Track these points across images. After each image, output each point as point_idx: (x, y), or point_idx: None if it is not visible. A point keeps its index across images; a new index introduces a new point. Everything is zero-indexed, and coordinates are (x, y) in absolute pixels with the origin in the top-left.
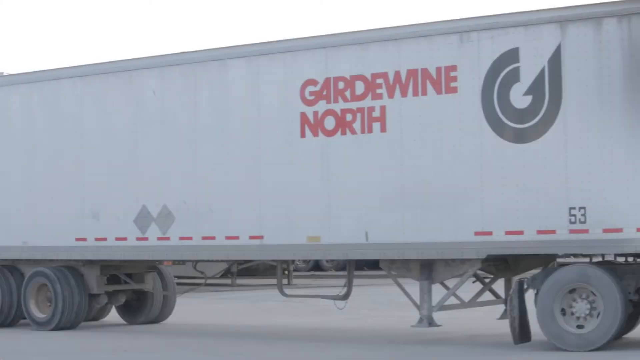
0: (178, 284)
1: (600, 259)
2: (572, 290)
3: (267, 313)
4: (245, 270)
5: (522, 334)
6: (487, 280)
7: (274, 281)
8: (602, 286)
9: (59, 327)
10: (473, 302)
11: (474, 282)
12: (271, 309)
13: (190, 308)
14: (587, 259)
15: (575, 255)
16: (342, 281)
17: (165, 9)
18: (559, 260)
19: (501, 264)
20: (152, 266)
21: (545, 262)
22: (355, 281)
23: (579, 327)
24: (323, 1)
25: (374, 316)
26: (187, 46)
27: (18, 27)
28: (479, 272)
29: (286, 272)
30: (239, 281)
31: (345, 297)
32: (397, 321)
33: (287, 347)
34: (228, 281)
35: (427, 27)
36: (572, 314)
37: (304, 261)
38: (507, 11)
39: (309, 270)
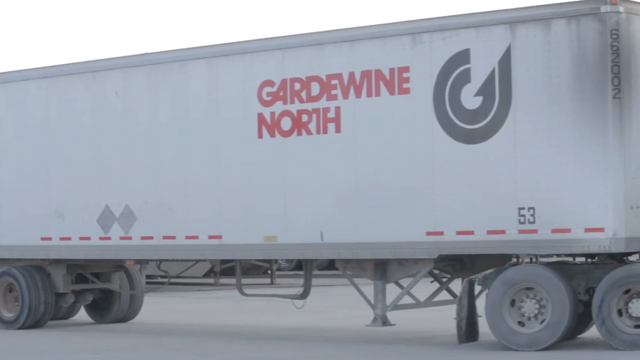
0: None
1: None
2: (521, 290)
3: (250, 312)
4: (229, 270)
5: (468, 333)
6: (444, 280)
7: (258, 280)
8: (550, 286)
9: (25, 326)
10: (429, 302)
11: (431, 282)
12: (254, 309)
13: (172, 307)
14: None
15: (558, 255)
16: (325, 280)
17: (165, 7)
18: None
19: (458, 264)
20: (119, 265)
21: (502, 261)
22: (338, 280)
23: (528, 326)
24: (323, 1)
25: (358, 316)
26: (183, 44)
27: (16, 26)
28: (437, 271)
29: (269, 272)
30: (223, 280)
31: (304, 296)
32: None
33: (272, 346)
34: (211, 280)
35: (381, 29)
36: (521, 313)
37: (287, 261)
38: (459, 12)
39: (291, 270)
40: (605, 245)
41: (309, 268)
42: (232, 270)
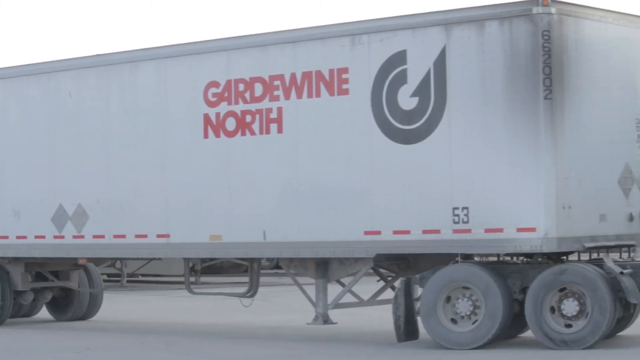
0: (146, 281)
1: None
2: (456, 289)
3: (230, 311)
4: (209, 268)
5: (407, 332)
6: (389, 279)
7: (238, 279)
8: (483, 285)
9: None
10: (372, 301)
11: (378, 280)
12: (234, 307)
13: (153, 306)
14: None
15: (547, 255)
16: (305, 280)
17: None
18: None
19: (403, 263)
20: (78, 263)
21: (446, 260)
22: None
23: (462, 325)
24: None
25: (334, 314)
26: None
27: (17, 22)
28: (383, 270)
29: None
30: (203, 279)
31: (252, 295)
32: (357, 319)
33: (252, 345)
34: (192, 279)
35: (321, 30)
36: (456, 312)
37: (268, 259)
38: (396, 14)
39: (272, 269)
40: (536, 245)
41: (255, 267)
42: (214, 268)
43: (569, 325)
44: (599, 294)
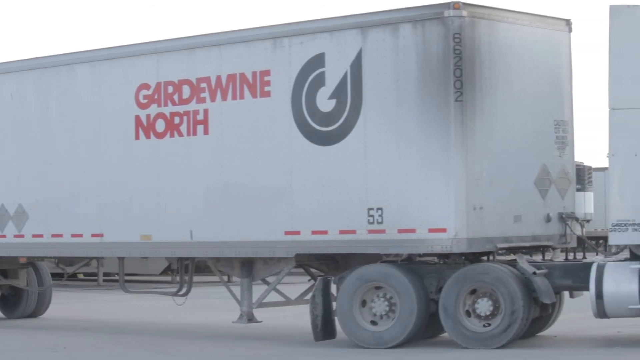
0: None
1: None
2: (373, 289)
3: (207, 310)
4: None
5: (325, 331)
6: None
7: (217, 278)
8: (398, 285)
9: None
10: (299, 300)
11: (309, 280)
12: (211, 306)
13: (129, 305)
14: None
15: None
16: (298, 278)
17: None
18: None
19: (332, 263)
20: (28, 262)
21: (374, 260)
22: (295, 278)
23: (379, 324)
24: None
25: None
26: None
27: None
28: (313, 270)
29: None
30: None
31: (185, 294)
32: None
33: (228, 344)
34: (168, 278)
35: (245, 33)
36: (372, 312)
37: None
38: (315, 17)
39: None
40: (447, 246)
41: (189, 267)
42: (198, 268)
43: (484, 325)
44: (512, 293)
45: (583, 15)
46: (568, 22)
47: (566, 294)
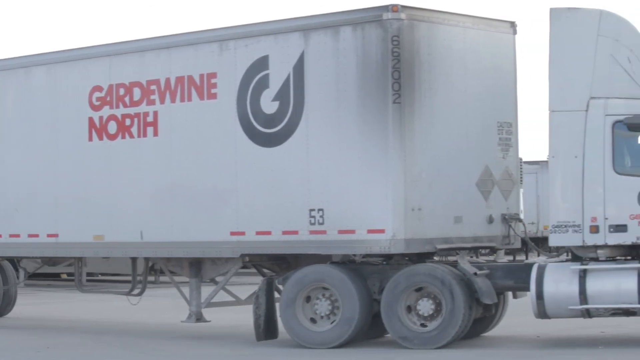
0: (105, 281)
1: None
2: (316, 289)
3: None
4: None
5: (267, 331)
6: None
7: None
8: (340, 286)
9: None
10: (250, 300)
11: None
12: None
13: (112, 305)
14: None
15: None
16: (253, 278)
17: None
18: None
19: (284, 263)
20: None
21: (324, 260)
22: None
23: (321, 325)
24: None
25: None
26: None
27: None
28: (265, 270)
29: None
30: (163, 278)
31: (140, 293)
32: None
33: (210, 343)
34: (152, 278)
35: (193, 36)
36: (315, 312)
37: None
38: (259, 20)
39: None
40: (385, 246)
41: (135, 266)
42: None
43: (421, 324)
44: (452, 294)
45: (533, 17)
46: (513, 25)
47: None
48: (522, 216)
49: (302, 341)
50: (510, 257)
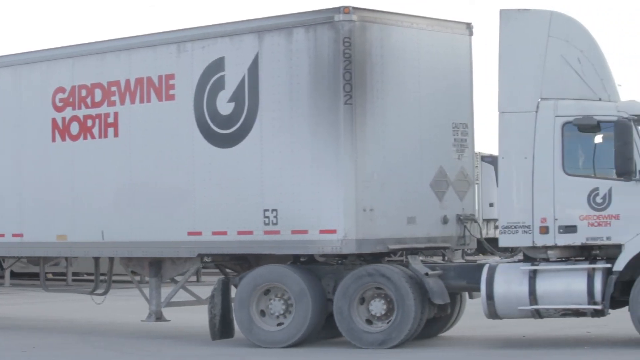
0: (92, 280)
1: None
2: (269, 289)
3: (171, 311)
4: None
5: (223, 330)
6: None
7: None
8: (294, 286)
9: None
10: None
11: None
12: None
13: (95, 304)
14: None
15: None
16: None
17: None
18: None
19: (246, 263)
20: None
21: (284, 260)
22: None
23: (279, 324)
24: None
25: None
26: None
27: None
28: (228, 270)
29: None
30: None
31: (104, 293)
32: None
33: (191, 343)
34: (137, 277)
35: (152, 37)
36: (269, 311)
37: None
38: (216, 22)
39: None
40: (336, 247)
41: (98, 266)
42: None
43: (377, 325)
44: (403, 294)
45: (491, 18)
46: (469, 26)
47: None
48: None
49: (255, 340)
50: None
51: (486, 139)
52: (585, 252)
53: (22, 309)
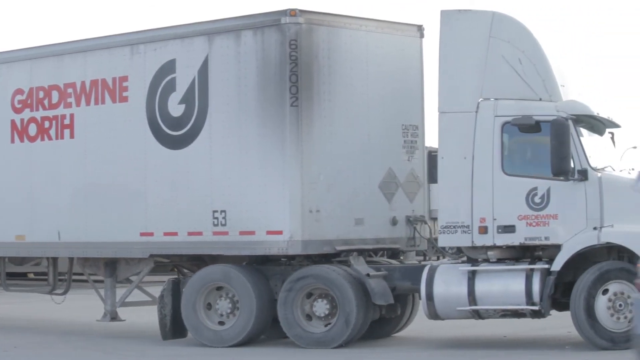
0: (76, 280)
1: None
2: (216, 289)
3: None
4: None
5: (174, 330)
6: None
7: (161, 278)
8: (239, 286)
9: None
10: None
11: None
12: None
13: (77, 304)
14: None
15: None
16: None
17: None
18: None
19: (203, 263)
20: None
21: (240, 261)
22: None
23: (222, 323)
24: None
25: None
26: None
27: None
28: (186, 270)
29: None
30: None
31: (64, 292)
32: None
33: (175, 343)
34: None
35: (107, 40)
36: (216, 311)
37: None
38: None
39: None
40: (283, 247)
41: (56, 266)
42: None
43: (320, 325)
44: (344, 294)
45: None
46: (420, 28)
47: None
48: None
49: (202, 339)
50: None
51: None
52: (529, 253)
53: (3, 309)
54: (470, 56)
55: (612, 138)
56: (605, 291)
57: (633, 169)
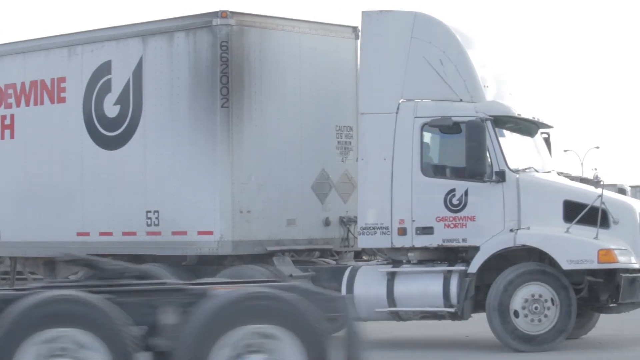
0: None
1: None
2: None
3: None
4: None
5: None
6: None
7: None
8: None
9: None
10: None
11: None
12: None
13: None
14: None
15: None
16: None
17: None
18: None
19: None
20: None
21: (180, 261)
22: None
23: None
24: None
25: None
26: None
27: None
28: None
29: None
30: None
31: None
32: None
33: None
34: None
35: (45, 41)
36: None
37: None
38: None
39: None
40: (213, 248)
41: (11, 265)
42: None
43: None
44: None
45: None
46: (355, 30)
47: None
48: None
49: None
50: None
51: None
52: (452, 255)
53: None
54: (392, 57)
55: (547, 139)
56: (522, 293)
57: (596, 169)
